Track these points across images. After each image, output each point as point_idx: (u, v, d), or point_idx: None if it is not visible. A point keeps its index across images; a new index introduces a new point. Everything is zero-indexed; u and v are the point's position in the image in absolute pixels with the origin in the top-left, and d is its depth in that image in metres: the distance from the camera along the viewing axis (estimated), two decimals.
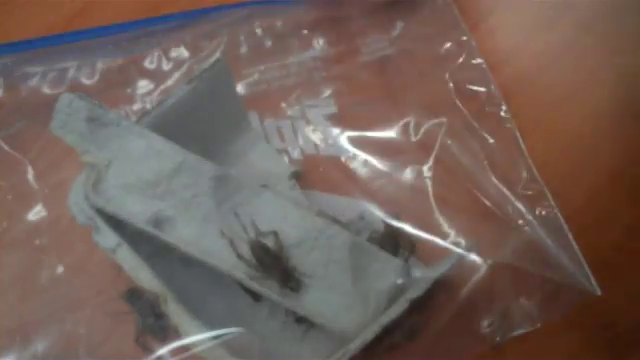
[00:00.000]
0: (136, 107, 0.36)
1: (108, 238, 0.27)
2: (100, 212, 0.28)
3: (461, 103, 0.35)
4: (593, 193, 0.34)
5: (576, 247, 0.30)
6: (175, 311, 0.26)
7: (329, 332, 0.27)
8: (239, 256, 0.27)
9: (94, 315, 0.29)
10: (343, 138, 0.35)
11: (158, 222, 0.28)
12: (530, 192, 0.32)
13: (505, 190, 0.32)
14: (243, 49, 0.37)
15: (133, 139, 0.29)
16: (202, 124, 0.33)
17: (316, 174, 0.35)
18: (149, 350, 0.28)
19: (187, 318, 0.26)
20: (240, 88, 0.37)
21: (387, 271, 0.28)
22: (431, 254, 0.31)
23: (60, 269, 0.30)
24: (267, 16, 0.38)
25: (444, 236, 0.31)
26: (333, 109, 0.37)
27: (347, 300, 0.27)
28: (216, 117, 0.33)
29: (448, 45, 0.38)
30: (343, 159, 0.35)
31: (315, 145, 0.36)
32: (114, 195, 0.28)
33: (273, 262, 0.27)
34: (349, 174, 0.34)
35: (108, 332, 0.29)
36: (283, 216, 0.29)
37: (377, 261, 0.29)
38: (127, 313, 0.30)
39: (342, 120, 0.36)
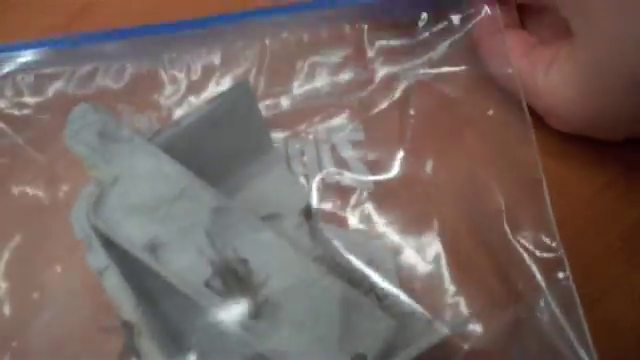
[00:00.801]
0: (162, 114, 0.35)
1: (98, 259, 0.27)
2: (97, 230, 0.28)
3: None
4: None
5: (586, 328, 0.27)
6: (147, 347, 0.25)
7: None
8: (207, 283, 0.27)
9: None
10: (365, 169, 0.34)
11: (153, 248, 0.28)
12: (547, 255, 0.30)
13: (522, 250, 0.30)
14: (275, 63, 0.36)
15: (143, 157, 0.29)
16: (220, 144, 0.32)
17: (334, 206, 0.33)
18: None
19: (158, 358, 0.25)
20: (267, 104, 0.36)
21: (378, 331, 0.27)
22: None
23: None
24: (303, 29, 0.36)
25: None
26: (360, 136, 0.35)
27: (329, 354, 0.26)
28: (235, 138, 0.32)
29: None
30: (364, 192, 0.34)
31: (337, 172, 0.34)
32: (113, 215, 0.28)
33: (240, 287, 0.26)
34: (366, 210, 0.33)
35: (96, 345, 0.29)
36: (279, 257, 0.28)
37: (369, 319, 0.27)
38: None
39: (369, 151, 0.35)
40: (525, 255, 0.29)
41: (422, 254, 0.31)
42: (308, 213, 0.32)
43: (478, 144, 0.33)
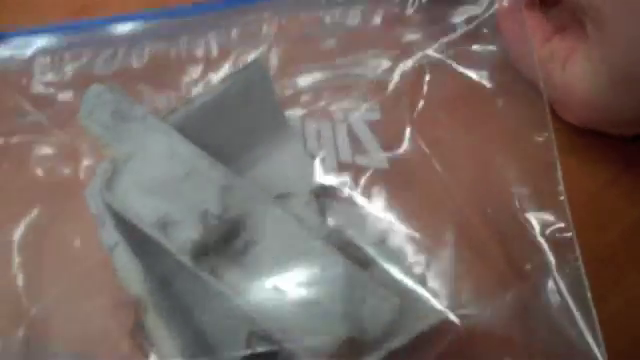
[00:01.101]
0: (181, 94, 0.36)
1: (110, 235, 0.28)
2: (109, 208, 0.29)
3: None
4: None
5: (594, 313, 0.27)
6: (153, 323, 0.26)
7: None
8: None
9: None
10: (380, 149, 0.34)
11: (164, 225, 0.28)
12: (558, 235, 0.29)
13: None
14: (291, 42, 0.36)
15: (155, 136, 0.29)
16: (234, 123, 0.32)
17: (348, 185, 0.33)
18: (141, 349, 0.29)
19: (164, 334, 0.26)
20: (284, 83, 0.36)
21: (381, 310, 0.27)
22: None
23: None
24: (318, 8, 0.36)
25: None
26: (376, 115, 0.35)
27: (332, 331, 0.26)
28: (249, 116, 0.33)
29: None
30: (378, 172, 0.33)
31: (351, 152, 0.34)
32: (125, 193, 0.29)
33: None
34: (380, 190, 0.33)
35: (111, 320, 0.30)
36: (285, 234, 0.28)
37: (373, 297, 0.27)
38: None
39: (385, 131, 0.34)
40: (535, 234, 0.29)
41: (433, 235, 0.31)
42: (319, 192, 0.32)
43: (494, 127, 0.32)
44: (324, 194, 0.32)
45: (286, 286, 0.27)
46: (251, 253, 0.28)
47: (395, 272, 0.29)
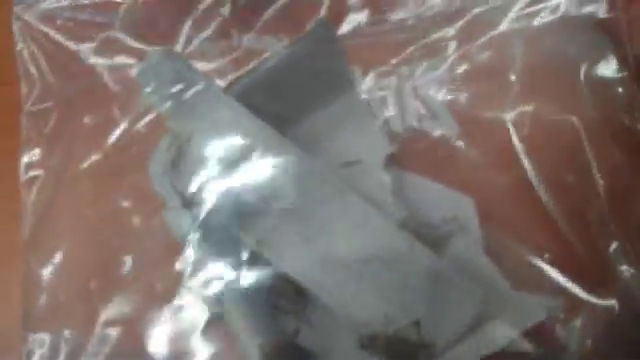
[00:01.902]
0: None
1: (180, 223, 0.27)
2: (176, 188, 0.27)
3: None
4: None
5: None
6: (235, 319, 0.25)
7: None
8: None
9: None
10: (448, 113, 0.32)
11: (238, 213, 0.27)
12: None
13: None
14: None
15: (220, 108, 0.27)
16: (299, 87, 0.30)
17: (416, 152, 0.31)
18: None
19: (247, 330, 0.25)
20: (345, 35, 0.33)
21: (465, 303, 0.26)
22: None
23: None
24: None
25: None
26: (448, 76, 0.32)
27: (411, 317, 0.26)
28: (314, 80, 0.30)
29: None
30: (450, 139, 0.31)
31: (419, 116, 0.32)
32: (191, 173, 0.27)
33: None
34: (453, 158, 0.31)
35: None
36: (364, 224, 0.27)
37: (457, 291, 0.26)
38: None
39: (456, 92, 0.32)
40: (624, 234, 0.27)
41: (509, 213, 0.29)
42: (389, 162, 0.31)
43: (581, 103, 0.29)
44: (392, 162, 0.31)
45: (365, 279, 0.26)
46: (324, 237, 0.27)
47: (473, 256, 0.28)
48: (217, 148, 0.27)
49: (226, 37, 0.33)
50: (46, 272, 0.28)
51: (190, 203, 0.27)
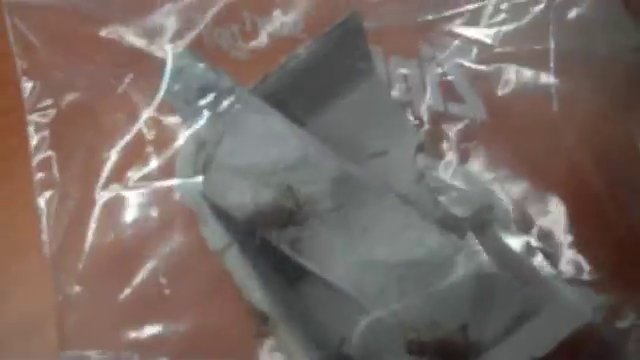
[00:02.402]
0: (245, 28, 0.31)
1: (216, 235, 0.25)
2: (208, 200, 0.26)
3: None
4: None
5: None
6: (286, 337, 0.25)
7: None
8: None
9: None
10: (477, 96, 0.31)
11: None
12: None
13: None
14: None
15: (249, 113, 0.26)
16: (322, 79, 0.28)
17: (443, 138, 0.30)
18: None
19: (299, 346, 0.25)
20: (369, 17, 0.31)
21: (510, 304, 0.26)
22: None
23: None
24: None
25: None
26: (473, 57, 0.31)
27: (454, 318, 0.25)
28: (339, 70, 0.29)
29: None
30: (478, 121, 0.30)
31: (443, 100, 0.31)
32: (222, 181, 0.26)
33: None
34: (480, 142, 0.30)
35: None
36: (403, 227, 0.26)
37: (500, 288, 0.26)
38: None
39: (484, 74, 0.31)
40: None
41: (542, 203, 0.29)
42: (422, 149, 0.30)
43: (618, 84, 0.29)
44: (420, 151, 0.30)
45: (407, 277, 0.26)
46: (365, 241, 0.26)
47: (512, 250, 0.28)
48: (250, 156, 0.26)
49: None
50: (75, 290, 0.27)
51: (224, 213, 0.26)
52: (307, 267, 0.26)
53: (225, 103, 0.26)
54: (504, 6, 0.30)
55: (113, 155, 0.28)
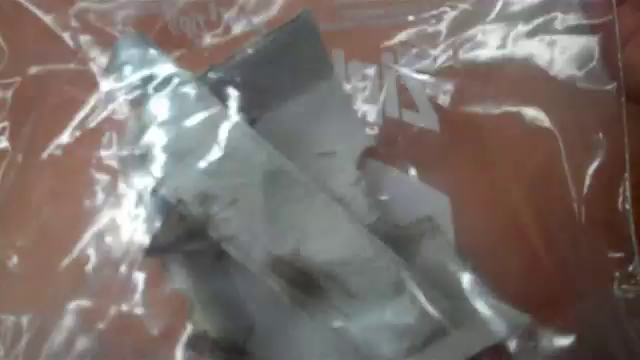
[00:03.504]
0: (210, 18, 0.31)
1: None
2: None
3: None
4: None
5: None
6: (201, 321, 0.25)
7: None
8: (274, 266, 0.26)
9: None
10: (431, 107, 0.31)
11: (203, 200, 0.26)
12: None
13: None
14: None
15: (189, 98, 0.26)
16: (278, 76, 0.29)
17: (394, 145, 0.31)
18: None
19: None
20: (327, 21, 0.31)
21: (431, 312, 0.26)
22: None
23: None
24: None
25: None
26: (432, 66, 0.31)
27: (388, 330, 0.26)
28: (294, 67, 0.29)
29: None
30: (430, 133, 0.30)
31: (400, 108, 0.31)
32: (161, 163, 0.26)
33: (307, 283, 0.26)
34: (431, 153, 0.30)
35: None
36: (333, 227, 0.26)
37: (425, 297, 0.26)
38: None
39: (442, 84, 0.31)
40: (593, 248, 0.27)
41: (479, 217, 0.29)
42: (366, 155, 0.30)
43: (564, 113, 0.28)
44: (368, 156, 0.30)
45: (334, 280, 0.26)
46: (293, 237, 0.26)
47: (445, 256, 0.28)
48: (186, 139, 0.26)
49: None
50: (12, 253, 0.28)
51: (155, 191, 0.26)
52: (231, 254, 0.26)
53: (169, 87, 0.26)
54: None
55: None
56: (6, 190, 0.29)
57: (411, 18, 0.31)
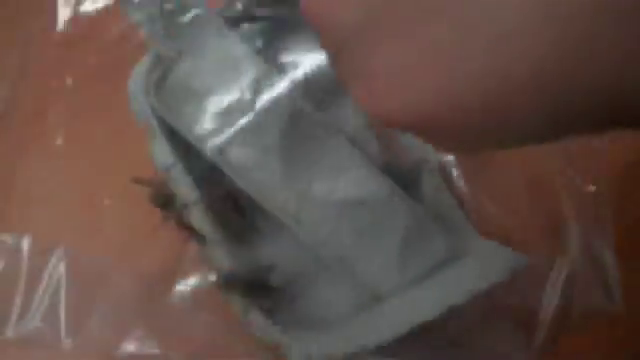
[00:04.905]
0: None
1: (162, 153, 0.26)
2: (159, 117, 0.26)
3: None
4: None
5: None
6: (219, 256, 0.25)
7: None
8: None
9: None
10: None
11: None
12: None
13: None
14: None
15: (211, 36, 0.26)
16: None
17: None
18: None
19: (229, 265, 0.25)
20: None
21: (436, 246, 0.27)
22: None
23: None
24: None
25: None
26: None
27: (389, 264, 0.27)
28: None
29: None
30: None
31: None
32: (175, 100, 0.26)
33: None
34: None
35: None
36: (347, 168, 0.27)
37: (431, 234, 0.27)
38: None
39: None
40: None
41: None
42: None
43: None
44: None
45: (344, 218, 0.27)
46: (308, 176, 0.27)
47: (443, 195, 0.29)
48: (205, 79, 0.26)
49: None
50: None
51: (172, 131, 0.26)
52: (247, 193, 0.26)
53: (186, 18, 0.26)
54: None
55: None
56: None
57: None
